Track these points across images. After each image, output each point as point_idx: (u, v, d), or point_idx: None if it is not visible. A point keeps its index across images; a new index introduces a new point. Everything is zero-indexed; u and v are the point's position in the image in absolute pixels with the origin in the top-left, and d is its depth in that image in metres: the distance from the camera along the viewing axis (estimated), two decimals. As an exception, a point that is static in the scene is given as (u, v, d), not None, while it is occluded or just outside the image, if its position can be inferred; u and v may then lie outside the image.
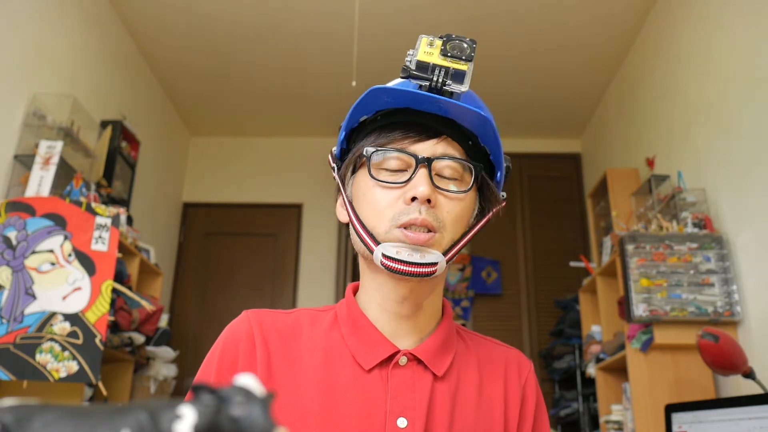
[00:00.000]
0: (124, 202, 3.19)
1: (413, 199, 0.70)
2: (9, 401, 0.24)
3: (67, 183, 2.43)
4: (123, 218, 2.60)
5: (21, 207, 2.21)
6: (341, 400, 0.70)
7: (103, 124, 3.05)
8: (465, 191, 0.73)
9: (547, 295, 4.07)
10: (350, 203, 0.76)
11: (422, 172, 0.71)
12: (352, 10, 3.03)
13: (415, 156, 0.71)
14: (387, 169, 0.73)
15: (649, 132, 3.21)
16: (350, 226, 0.76)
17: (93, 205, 2.30)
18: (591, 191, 3.52)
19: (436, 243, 0.70)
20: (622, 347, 2.60)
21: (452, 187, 0.73)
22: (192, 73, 3.81)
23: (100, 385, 2.14)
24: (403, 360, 0.73)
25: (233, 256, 4.31)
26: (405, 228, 0.70)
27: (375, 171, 0.73)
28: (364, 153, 0.73)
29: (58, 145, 2.44)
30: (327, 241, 4.31)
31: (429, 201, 0.70)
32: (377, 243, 0.71)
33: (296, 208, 4.41)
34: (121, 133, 3.15)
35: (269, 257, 4.30)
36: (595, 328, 3.08)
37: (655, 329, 2.34)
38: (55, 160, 2.40)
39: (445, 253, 0.71)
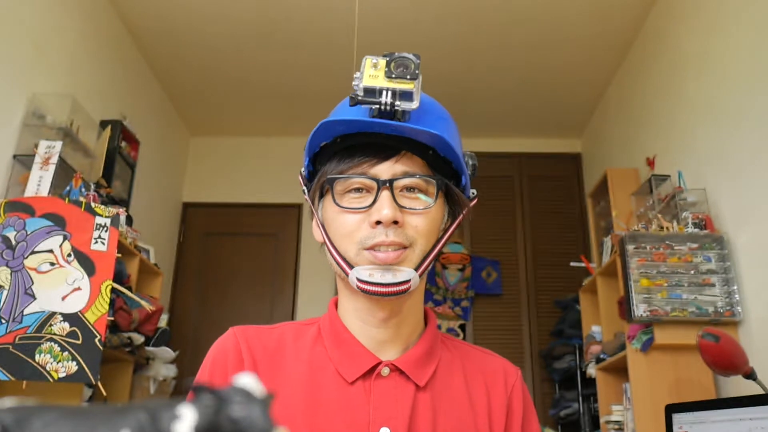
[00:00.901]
0: (124, 202, 3.19)
1: (378, 222, 0.71)
2: (9, 401, 0.23)
3: (67, 183, 2.43)
4: (122, 218, 2.60)
5: (20, 207, 2.21)
6: (325, 412, 0.72)
7: (103, 124, 3.05)
8: (429, 207, 0.74)
9: (547, 295, 4.06)
10: (323, 226, 0.78)
11: (385, 194, 0.71)
12: (352, 9, 3.03)
13: (376, 179, 0.72)
14: (351, 193, 0.74)
15: (649, 132, 3.21)
16: (325, 247, 0.78)
17: (92, 205, 2.30)
18: (591, 191, 3.52)
19: (406, 259, 0.72)
20: (622, 347, 2.60)
21: (416, 205, 0.73)
22: (192, 72, 3.81)
23: (100, 385, 2.14)
24: (385, 371, 0.75)
25: (233, 256, 4.31)
26: (373, 249, 0.71)
27: (339, 198, 0.74)
28: (326, 182, 0.74)
29: (58, 145, 2.43)
30: (327, 241, 4.30)
31: (396, 222, 0.71)
32: (350, 267, 0.73)
33: (296, 208, 4.40)
34: (120, 133, 3.15)
35: (269, 257, 4.30)
36: (596, 328, 3.08)
37: (655, 329, 2.34)
38: (55, 160, 2.40)
39: (417, 267, 0.73)
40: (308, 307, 4.15)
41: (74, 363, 2.07)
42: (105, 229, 2.27)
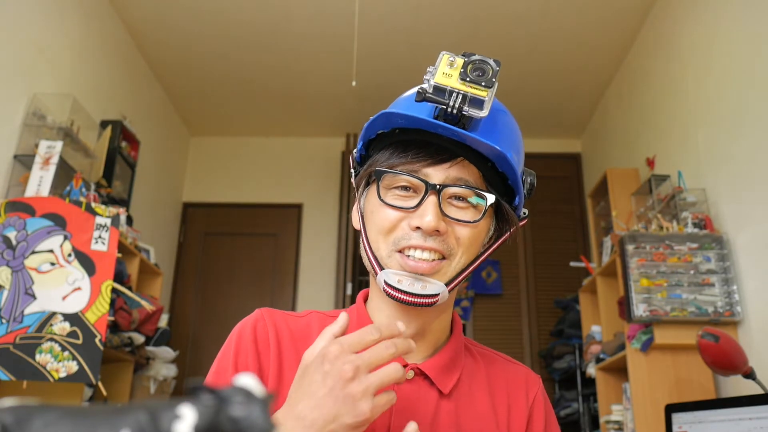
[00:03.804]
0: (124, 202, 3.19)
1: (417, 228, 0.68)
2: (9, 401, 0.23)
3: (67, 183, 2.43)
4: (123, 218, 2.60)
5: (21, 207, 2.21)
6: None
7: (103, 124, 3.05)
8: (475, 221, 0.70)
9: (547, 295, 4.06)
10: (362, 216, 0.75)
11: (431, 199, 0.68)
12: (352, 10, 3.03)
13: (425, 182, 0.68)
14: (397, 190, 0.71)
15: (649, 132, 3.21)
16: (360, 237, 0.76)
17: (93, 205, 2.30)
18: (591, 191, 3.52)
19: (440, 271, 0.69)
20: (622, 347, 2.60)
21: (463, 216, 0.70)
22: (192, 73, 3.81)
23: (100, 385, 2.14)
24: (410, 374, 0.73)
25: (233, 256, 4.31)
26: (404, 253, 0.68)
27: (383, 192, 0.71)
28: (374, 173, 0.71)
29: (58, 145, 2.44)
30: (327, 241, 4.31)
31: (437, 231, 0.68)
32: (381, 267, 0.70)
33: (296, 208, 4.40)
34: (121, 133, 3.15)
35: (269, 257, 4.30)
36: (595, 328, 3.08)
37: (655, 329, 2.34)
38: (55, 160, 2.40)
39: (449, 282, 0.70)
40: (308, 308, 4.14)
41: (75, 363, 2.07)
42: (105, 229, 2.27)
